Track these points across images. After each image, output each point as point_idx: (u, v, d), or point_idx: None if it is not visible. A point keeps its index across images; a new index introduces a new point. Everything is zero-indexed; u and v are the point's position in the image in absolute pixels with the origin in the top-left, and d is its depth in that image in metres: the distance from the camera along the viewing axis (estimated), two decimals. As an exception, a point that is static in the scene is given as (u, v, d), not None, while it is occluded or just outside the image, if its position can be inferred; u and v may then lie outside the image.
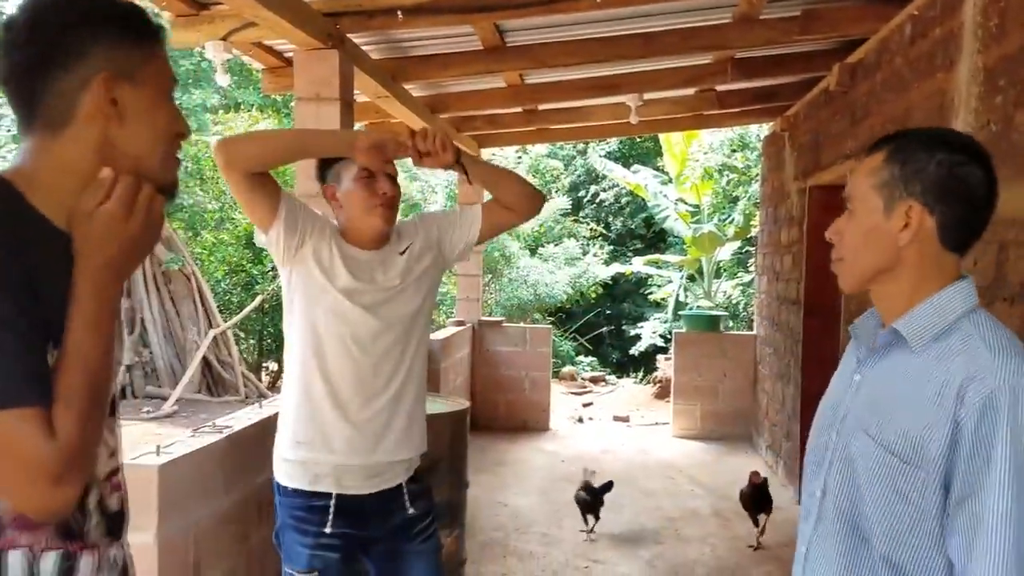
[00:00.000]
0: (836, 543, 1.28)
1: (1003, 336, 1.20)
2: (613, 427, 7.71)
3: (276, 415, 3.06)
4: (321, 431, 2.11)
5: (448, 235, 2.27)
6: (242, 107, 12.08)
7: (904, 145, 1.26)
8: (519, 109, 5.91)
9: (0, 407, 0.91)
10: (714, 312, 7.92)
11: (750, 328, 8.25)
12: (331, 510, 2.11)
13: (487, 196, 2.26)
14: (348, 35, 3.69)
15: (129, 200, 1.04)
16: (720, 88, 5.59)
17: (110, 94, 1.04)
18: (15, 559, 1.03)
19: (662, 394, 8.89)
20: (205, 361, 8.99)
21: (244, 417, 2.99)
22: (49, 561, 1.05)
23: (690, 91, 5.65)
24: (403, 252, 2.21)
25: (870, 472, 1.22)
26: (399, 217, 2.23)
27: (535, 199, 2.24)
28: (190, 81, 10.33)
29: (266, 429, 3.00)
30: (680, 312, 9.16)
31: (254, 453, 2.91)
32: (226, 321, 9.40)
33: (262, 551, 2.90)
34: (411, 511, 2.19)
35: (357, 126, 5.55)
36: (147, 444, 2.42)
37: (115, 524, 1.17)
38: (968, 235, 1.26)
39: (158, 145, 1.11)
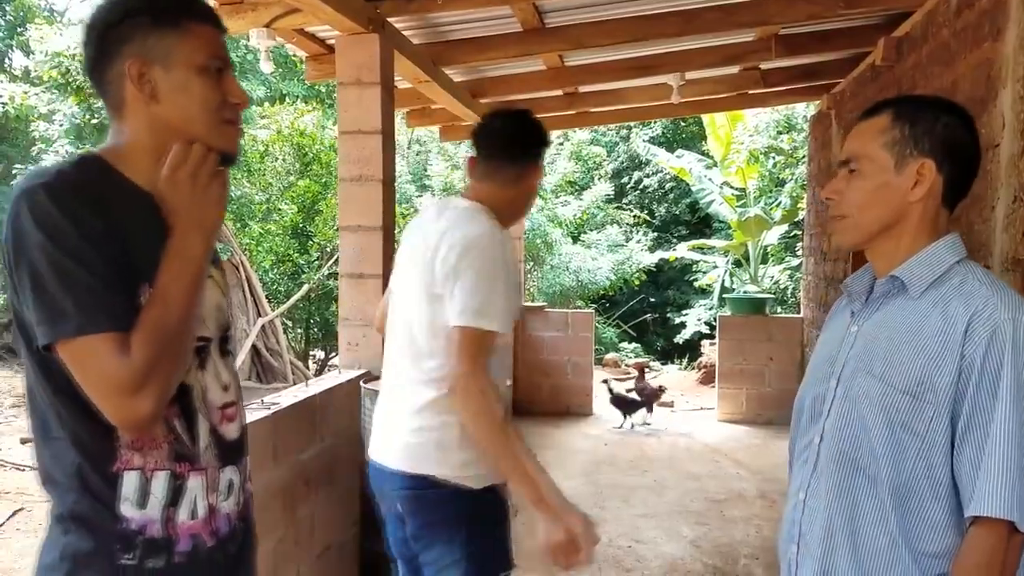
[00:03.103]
0: (836, 484, 1.35)
1: (994, 277, 1.31)
2: (657, 412, 7.67)
3: (322, 393, 3.15)
4: None
5: None
6: (287, 98, 12.24)
7: (908, 107, 1.35)
8: (559, 92, 5.90)
9: (79, 333, 1.07)
10: (759, 295, 7.82)
11: (798, 314, 8.14)
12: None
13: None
14: (388, 19, 3.73)
15: (196, 168, 1.20)
16: (764, 66, 5.51)
17: (142, 79, 1.20)
18: (130, 479, 1.18)
19: (706, 379, 8.83)
20: (254, 349, 9.17)
21: (291, 394, 3.06)
22: (160, 481, 1.20)
23: (733, 69, 5.58)
24: None
25: (875, 410, 1.29)
26: None
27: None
28: (237, 73, 10.51)
29: (312, 407, 3.07)
30: (726, 296, 9.08)
31: (301, 429, 2.98)
32: (274, 310, 9.57)
33: (310, 524, 2.98)
34: None
35: (399, 112, 5.61)
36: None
37: (230, 451, 1.32)
38: (962, 193, 1.36)
39: (201, 116, 1.23)
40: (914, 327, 1.29)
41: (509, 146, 2.02)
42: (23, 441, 6.88)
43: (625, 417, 6.92)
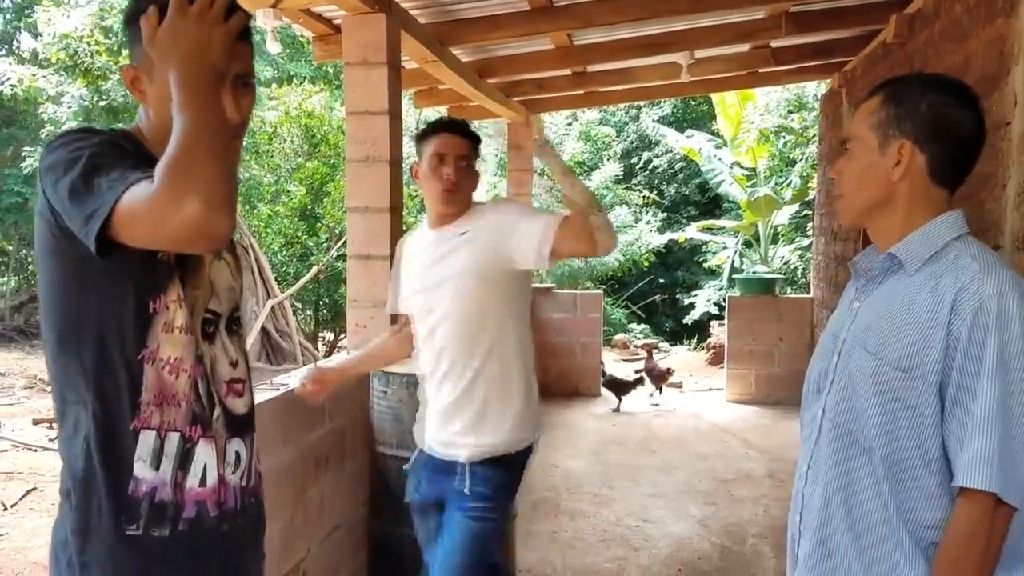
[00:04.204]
0: (834, 456, 1.39)
1: (989, 253, 1.32)
2: (666, 392, 7.68)
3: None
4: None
5: (514, 233, 2.19)
6: (295, 79, 12.21)
7: (899, 88, 1.38)
8: (568, 72, 5.86)
9: (117, 199, 1.07)
10: (769, 275, 7.80)
11: (808, 294, 8.11)
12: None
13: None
14: (395, -1, 3.70)
15: (202, 11, 1.12)
16: (775, 44, 5.45)
17: (134, 83, 1.26)
18: (146, 438, 1.23)
19: (715, 360, 8.82)
20: (264, 331, 9.21)
21: (300, 376, 3.07)
22: (172, 442, 1.25)
23: (744, 47, 5.52)
24: (463, 234, 2.27)
25: (869, 384, 1.33)
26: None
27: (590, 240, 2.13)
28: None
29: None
30: (736, 276, 9.04)
31: (311, 410, 2.99)
32: (283, 292, 9.60)
33: (319, 504, 2.99)
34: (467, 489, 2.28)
35: (405, 93, 5.58)
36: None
37: (237, 424, 1.36)
38: (956, 172, 1.37)
39: None
40: (907, 303, 1.32)
41: None
42: (35, 422, 6.94)
43: (620, 400, 6.92)
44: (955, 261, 1.30)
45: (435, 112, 12.30)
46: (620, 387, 6.93)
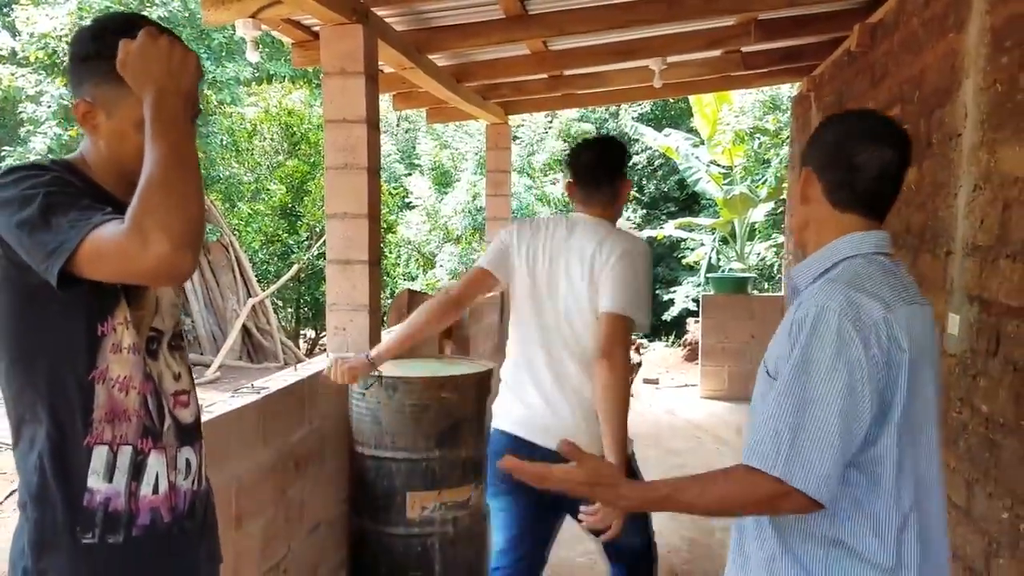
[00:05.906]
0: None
1: (855, 274, 1.38)
2: (642, 389, 7.83)
3: (312, 375, 3.25)
4: None
5: None
6: (274, 79, 12.22)
7: (820, 125, 1.52)
8: (544, 76, 5.96)
9: (82, 238, 1.14)
10: (741, 274, 7.96)
11: (780, 293, 8.27)
12: None
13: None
14: (372, 9, 3.79)
15: (172, 42, 1.22)
16: (745, 49, 5.59)
17: (86, 117, 1.31)
18: (100, 453, 1.30)
19: (691, 356, 8.98)
20: (245, 329, 9.27)
21: (280, 378, 3.16)
22: (124, 455, 1.32)
23: (715, 53, 5.65)
24: None
25: (759, 388, 1.48)
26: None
27: None
28: (223, 54, 10.49)
29: (301, 391, 3.17)
30: (710, 275, 9.20)
31: (291, 412, 3.09)
32: (264, 290, 9.66)
33: (299, 503, 3.09)
34: None
35: (383, 97, 5.67)
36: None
37: (185, 433, 1.44)
38: (857, 196, 1.45)
39: (134, 163, 1.24)
40: (786, 317, 1.44)
41: (602, 175, 2.52)
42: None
43: None
44: (827, 281, 1.39)
45: (416, 113, 12.37)
46: None
